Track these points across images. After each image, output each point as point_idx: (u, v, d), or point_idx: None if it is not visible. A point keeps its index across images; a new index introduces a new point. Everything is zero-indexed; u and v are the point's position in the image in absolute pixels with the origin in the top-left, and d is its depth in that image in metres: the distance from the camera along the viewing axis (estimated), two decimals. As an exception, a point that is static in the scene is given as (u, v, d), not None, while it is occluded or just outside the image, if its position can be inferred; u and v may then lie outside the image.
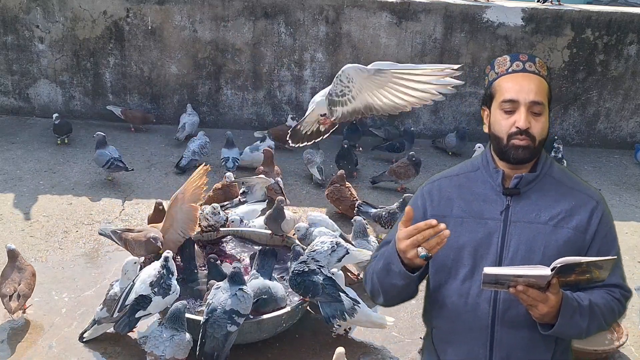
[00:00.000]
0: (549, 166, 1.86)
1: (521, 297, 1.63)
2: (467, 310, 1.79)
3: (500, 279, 1.61)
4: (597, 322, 1.76)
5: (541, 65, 1.83)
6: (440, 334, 1.89)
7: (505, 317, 1.76)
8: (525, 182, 1.81)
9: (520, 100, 1.76)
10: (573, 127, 6.63)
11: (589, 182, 5.56)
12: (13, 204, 4.74)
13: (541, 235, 1.76)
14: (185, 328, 2.97)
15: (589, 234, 1.79)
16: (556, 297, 1.64)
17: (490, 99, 1.84)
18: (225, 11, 6.16)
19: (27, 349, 3.23)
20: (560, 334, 1.72)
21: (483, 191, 1.84)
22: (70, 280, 3.84)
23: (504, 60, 1.84)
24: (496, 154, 1.85)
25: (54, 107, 6.50)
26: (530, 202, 1.80)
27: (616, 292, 1.83)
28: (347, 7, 6.14)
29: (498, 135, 1.80)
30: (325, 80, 6.38)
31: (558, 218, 1.78)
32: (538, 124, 1.77)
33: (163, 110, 6.52)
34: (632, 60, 6.35)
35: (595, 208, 1.81)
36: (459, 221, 1.82)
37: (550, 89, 1.84)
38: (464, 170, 1.93)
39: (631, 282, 4.37)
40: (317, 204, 5.00)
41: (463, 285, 1.80)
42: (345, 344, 3.20)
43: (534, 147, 1.77)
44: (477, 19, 6.19)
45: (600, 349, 3.34)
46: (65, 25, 6.21)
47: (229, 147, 5.43)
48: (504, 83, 1.81)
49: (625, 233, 4.85)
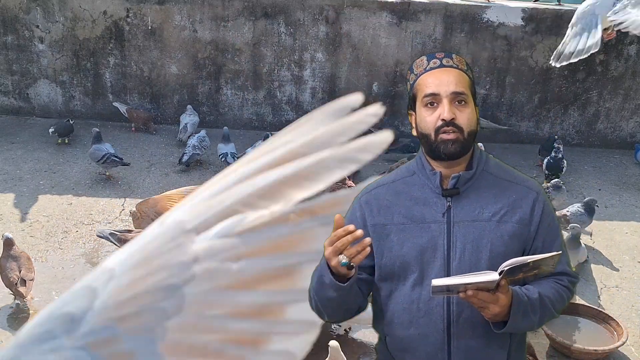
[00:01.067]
0: (485, 162, 1.86)
1: (472, 300, 1.63)
2: (420, 316, 1.77)
3: (449, 288, 1.63)
4: (548, 312, 1.78)
5: (459, 60, 1.85)
6: (395, 342, 1.87)
7: (460, 320, 1.76)
8: (464, 181, 1.80)
9: (441, 93, 1.76)
10: (573, 127, 6.63)
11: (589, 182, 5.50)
12: (13, 204, 4.74)
13: (486, 232, 1.76)
14: None
15: (533, 226, 1.79)
16: (506, 296, 1.65)
17: (413, 101, 1.85)
18: (225, 11, 6.16)
19: (27, 349, 3.23)
20: (513, 330, 1.73)
21: (422, 195, 1.82)
22: (70, 280, 3.84)
23: (421, 61, 1.86)
24: (427, 154, 1.84)
25: (54, 107, 6.51)
26: (471, 200, 1.79)
27: (564, 279, 1.84)
28: (347, 7, 6.14)
29: (425, 133, 1.79)
30: (326, 80, 6.39)
31: (501, 213, 1.78)
32: (464, 115, 1.77)
33: (163, 110, 6.52)
34: (632, 60, 6.34)
35: (537, 199, 1.82)
36: (401, 227, 1.80)
37: (473, 82, 1.85)
38: (401, 176, 1.90)
39: (631, 282, 4.40)
40: (317, 204, 5.00)
41: (413, 292, 1.78)
42: (346, 343, 3.20)
43: (463, 139, 1.76)
44: (477, 19, 6.19)
45: (600, 349, 3.35)
46: (65, 25, 6.21)
47: (226, 142, 5.48)
48: (423, 81, 1.82)
49: (625, 233, 4.85)
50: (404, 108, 6.93)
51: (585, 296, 3.94)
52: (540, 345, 3.47)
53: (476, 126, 1.82)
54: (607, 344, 3.39)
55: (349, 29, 6.21)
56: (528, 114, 6.57)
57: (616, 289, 4.09)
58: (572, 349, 3.32)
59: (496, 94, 6.46)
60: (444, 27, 6.19)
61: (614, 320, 3.52)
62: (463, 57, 1.91)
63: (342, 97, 0.80)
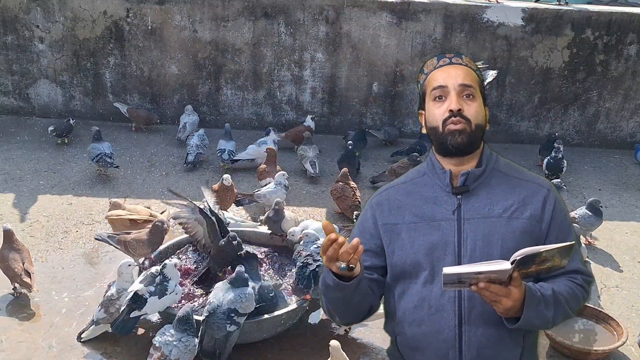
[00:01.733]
0: (495, 160, 1.86)
1: (484, 293, 1.61)
2: (432, 313, 1.77)
3: (460, 277, 1.60)
4: (563, 310, 1.76)
5: (468, 60, 1.87)
6: (406, 340, 1.86)
7: (471, 316, 1.74)
8: (473, 178, 1.80)
9: (449, 85, 1.78)
10: (573, 127, 6.63)
11: (589, 182, 5.51)
12: (13, 204, 4.74)
13: (497, 228, 1.75)
14: (194, 332, 2.95)
15: (544, 223, 1.78)
16: (519, 289, 1.63)
17: (423, 100, 1.86)
18: (225, 11, 6.16)
19: (27, 349, 3.23)
20: (526, 326, 1.71)
21: (432, 194, 1.83)
22: (70, 280, 3.84)
23: (431, 61, 1.89)
24: (436, 149, 1.85)
25: (54, 107, 6.51)
26: (481, 197, 1.79)
27: (578, 278, 1.83)
28: (347, 7, 6.14)
29: (434, 126, 1.80)
30: (325, 80, 6.39)
31: (511, 210, 1.77)
32: (471, 107, 1.78)
33: (163, 110, 6.52)
34: (632, 60, 6.34)
35: (547, 196, 1.81)
36: (412, 226, 1.81)
37: (482, 81, 1.86)
38: (411, 178, 1.92)
39: (631, 282, 4.41)
40: (317, 203, 5.01)
41: (424, 289, 1.78)
42: (346, 343, 3.20)
43: (471, 130, 1.76)
44: (477, 19, 6.19)
45: (600, 349, 3.34)
46: (65, 25, 6.21)
47: (227, 139, 5.53)
48: (432, 77, 1.84)
49: (626, 233, 4.85)
50: (404, 108, 6.99)
51: (585, 296, 3.95)
52: (540, 345, 3.47)
53: (484, 121, 1.82)
54: (607, 344, 3.38)
55: (349, 29, 6.21)
56: (528, 114, 6.56)
57: (616, 289, 4.08)
58: (572, 349, 3.32)
59: (496, 94, 6.46)
60: (444, 27, 6.19)
61: (614, 320, 3.51)
62: (472, 59, 1.92)
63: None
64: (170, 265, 3.18)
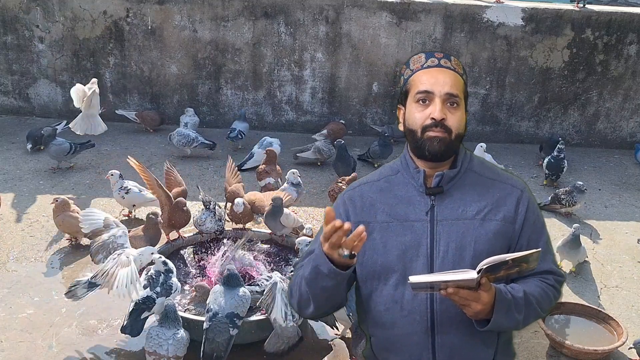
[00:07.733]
0: (469, 161, 1.84)
1: (453, 298, 1.61)
2: (404, 315, 1.75)
3: (430, 285, 1.61)
4: (534, 311, 1.75)
5: (457, 63, 1.83)
6: (379, 342, 1.85)
7: (444, 319, 1.73)
8: (447, 179, 1.78)
9: (435, 92, 1.74)
10: (573, 127, 6.63)
11: (589, 182, 5.50)
12: (13, 204, 4.74)
13: (470, 230, 1.74)
14: (181, 325, 2.98)
15: (517, 224, 1.78)
16: (488, 293, 1.63)
17: (405, 96, 1.83)
18: (225, 11, 6.16)
19: (27, 349, 3.23)
20: (496, 329, 1.70)
21: (406, 194, 1.81)
22: (70, 280, 3.84)
23: (419, 58, 1.84)
24: (411, 150, 1.82)
25: (54, 107, 6.51)
26: (455, 199, 1.78)
27: (550, 278, 1.83)
28: (347, 7, 6.14)
29: (412, 129, 1.77)
30: (325, 80, 6.39)
31: (485, 211, 1.76)
32: (454, 117, 1.75)
33: (163, 110, 6.52)
34: (632, 60, 6.35)
35: (521, 197, 1.81)
36: (385, 226, 1.78)
37: (466, 86, 1.83)
38: (384, 175, 1.89)
39: (631, 282, 4.40)
40: (317, 204, 5.00)
41: (396, 291, 1.76)
42: (345, 343, 3.19)
43: (450, 140, 1.74)
44: (477, 19, 6.19)
45: (600, 349, 3.34)
46: (65, 25, 6.21)
47: (241, 120, 5.97)
48: (418, 77, 1.79)
49: (625, 233, 4.85)
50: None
51: (585, 296, 3.94)
52: (540, 345, 3.47)
53: (464, 130, 1.80)
54: (607, 344, 3.39)
55: (349, 28, 6.21)
56: (528, 114, 6.57)
57: (616, 289, 4.08)
58: (572, 349, 3.32)
59: (496, 94, 6.46)
60: (444, 27, 6.19)
61: (614, 320, 3.51)
62: (460, 62, 1.89)
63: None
64: (167, 261, 3.18)
